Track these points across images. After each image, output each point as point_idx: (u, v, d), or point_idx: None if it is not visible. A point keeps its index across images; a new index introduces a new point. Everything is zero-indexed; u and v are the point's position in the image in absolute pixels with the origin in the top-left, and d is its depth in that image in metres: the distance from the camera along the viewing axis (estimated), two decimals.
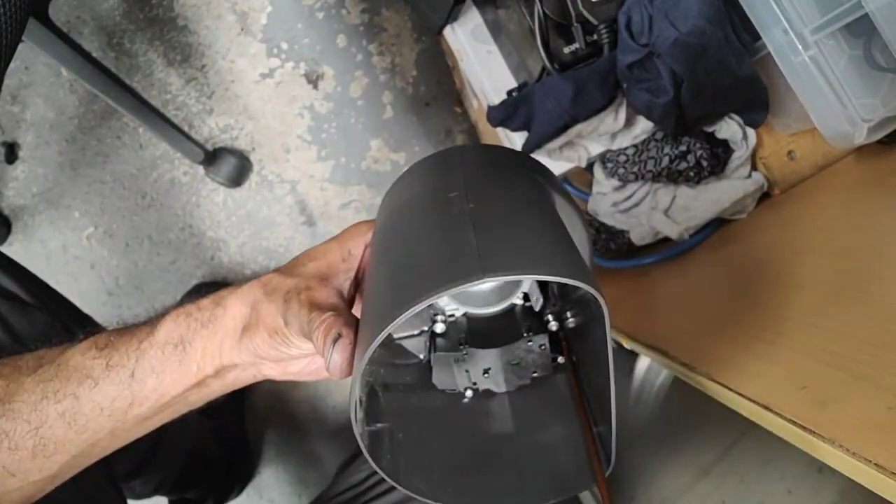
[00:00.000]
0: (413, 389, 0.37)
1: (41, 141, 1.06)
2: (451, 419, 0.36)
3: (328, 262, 0.36)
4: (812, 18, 0.44)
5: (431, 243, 0.29)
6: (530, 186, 0.34)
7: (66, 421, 0.34)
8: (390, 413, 0.34)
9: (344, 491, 0.70)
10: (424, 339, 0.38)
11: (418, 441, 0.34)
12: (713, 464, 0.55)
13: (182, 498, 0.92)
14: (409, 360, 0.38)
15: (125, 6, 1.04)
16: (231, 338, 0.34)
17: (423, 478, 0.32)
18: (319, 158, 1.06)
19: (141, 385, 0.35)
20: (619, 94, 0.59)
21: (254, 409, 1.06)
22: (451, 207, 0.30)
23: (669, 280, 0.58)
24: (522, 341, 0.37)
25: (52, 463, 0.35)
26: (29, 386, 0.34)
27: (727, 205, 0.57)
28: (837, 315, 0.37)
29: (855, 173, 0.54)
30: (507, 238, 0.28)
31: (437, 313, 0.38)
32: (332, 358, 0.29)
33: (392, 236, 0.33)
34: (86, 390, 0.34)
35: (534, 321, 0.38)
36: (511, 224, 0.29)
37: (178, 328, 0.35)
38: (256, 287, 0.35)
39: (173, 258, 1.07)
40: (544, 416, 0.36)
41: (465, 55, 0.73)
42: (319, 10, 1.04)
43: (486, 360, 0.37)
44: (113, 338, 0.36)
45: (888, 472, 0.25)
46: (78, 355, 0.35)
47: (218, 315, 0.35)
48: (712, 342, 0.43)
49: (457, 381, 0.37)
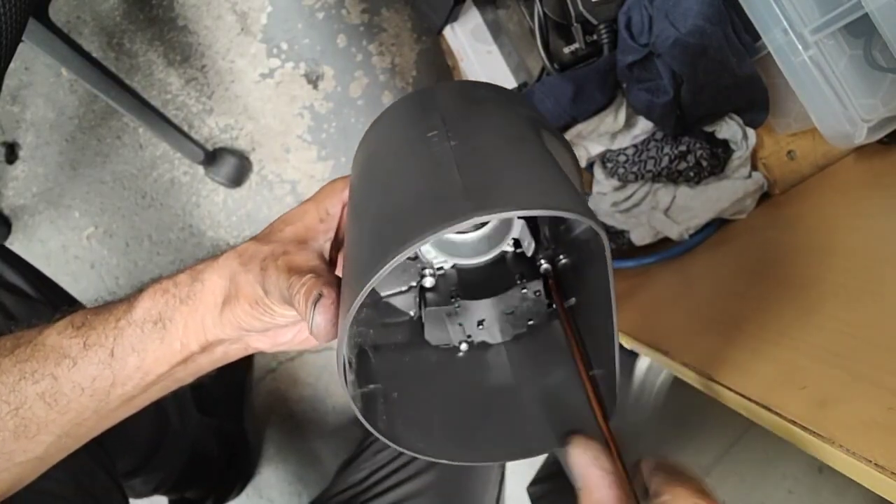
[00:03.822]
0: (405, 348, 0.35)
1: (41, 141, 1.06)
2: (446, 374, 0.35)
3: (305, 224, 0.35)
4: (812, 18, 0.44)
5: (412, 186, 0.27)
6: (515, 120, 0.31)
7: (47, 402, 0.33)
8: (383, 374, 0.32)
9: (344, 490, 0.70)
10: (413, 295, 0.36)
11: (414, 399, 0.32)
12: (713, 464, 0.55)
13: (182, 497, 0.92)
14: (400, 318, 0.36)
15: (125, 6, 1.04)
16: (212, 313, 0.33)
17: (422, 436, 0.31)
18: (319, 158, 1.06)
19: (122, 364, 0.34)
20: (619, 94, 0.59)
21: (254, 408, 1.06)
22: (431, 147, 0.28)
23: (669, 280, 0.58)
24: (516, 289, 0.35)
25: (37, 444, 0.34)
26: (6, 367, 0.34)
27: (727, 205, 0.57)
28: (837, 315, 0.37)
29: (855, 173, 0.54)
30: (494, 173, 0.26)
31: (424, 267, 0.36)
32: (315, 320, 0.28)
33: (369, 185, 0.30)
34: (64, 370, 0.33)
35: (526, 268, 0.36)
36: (497, 158, 0.27)
37: (156, 305, 0.34)
38: (232, 258, 0.34)
39: (173, 258, 1.07)
40: (543, 362, 0.35)
41: (465, 55, 0.73)
42: (319, 11, 1.04)
43: (480, 311, 0.35)
44: (90, 316, 0.35)
45: (888, 472, 0.25)
46: (54, 334, 0.34)
47: (196, 290, 0.34)
48: (712, 342, 0.43)
49: (450, 335, 0.35)
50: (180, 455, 0.84)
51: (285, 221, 0.36)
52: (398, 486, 0.67)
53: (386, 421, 0.30)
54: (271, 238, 0.35)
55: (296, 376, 1.08)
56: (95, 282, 1.07)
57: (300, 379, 1.08)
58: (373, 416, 0.29)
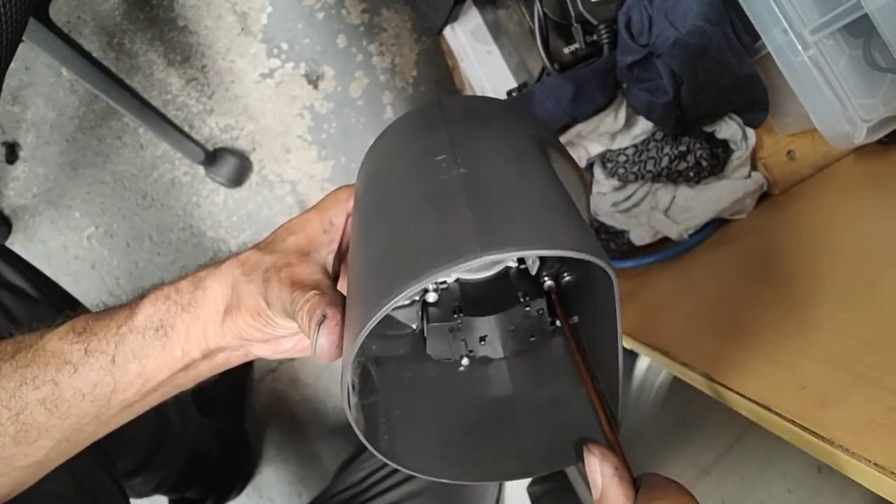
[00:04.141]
0: (406, 361, 0.35)
1: (41, 141, 1.06)
2: (447, 388, 0.35)
3: (308, 235, 0.35)
4: (812, 18, 0.44)
5: (421, 218, 0.26)
6: (523, 144, 0.31)
7: (47, 407, 0.33)
8: (384, 388, 0.32)
9: (343, 490, 0.70)
10: (416, 309, 0.36)
11: (415, 416, 0.32)
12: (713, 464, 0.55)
13: (182, 497, 0.92)
14: (402, 331, 0.36)
15: (125, 6, 1.04)
16: (213, 321, 0.33)
17: (423, 456, 0.31)
18: (320, 158, 1.06)
19: (123, 371, 0.34)
20: (618, 94, 0.59)
21: (254, 408, 1.07)
22: (439, 174, 0.27)
23: (669, 280, 0.58)
24: (519, 307, 0.34)
25: (37, 449, 0.34)
26: (7, 372, 0.34)
27: (727, 205, 0.57)
28: (837, 315, 0.37)
29: (855, 173, 0.54)
30: (504, 210, 0.25)
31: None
32: (319, 342, 0.28)
33: (376, 209, 0.30)
34: (65, 376, 0.33)
35: (529, 285, 0.36)
36: (507, 190, 0.27)
37: (157, 312, 0.34)
38: (234, 266, 0.34)
39: (174, 258, 1.07)
40: (545, 378, 0.35)
41: (465, 55, 0.73)
42: (319, 11, 1.04)
43: (482, 327, 0.35)
44: (91, 322, 0.35)
45: (888, 472, 0.25)
46: (55, 340, 0.34)
47: (198, 298, 0.34)
48: (712, 342, 0.43)
49: (452, 350, 0.35)
50: (181, 455, 0.84)
51: (288, 230, 0.35)
52: (398, 486, 0.67)
53: (388, 441, 0.30)
54: (274, 248, 0.34)
55: (296, 377, 1.08)
56: (96, 282, 1.07)
57: (300, 379, 1.08)
58: (374, 437, 0.29)
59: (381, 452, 0.29)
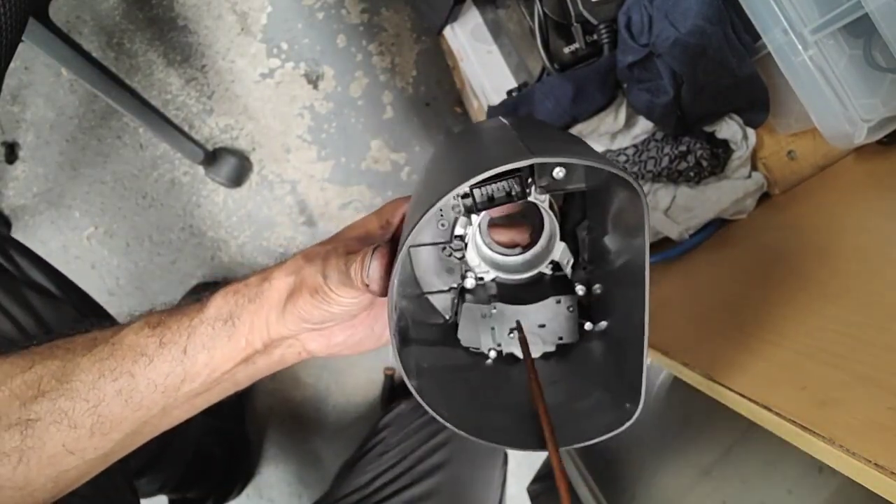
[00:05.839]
0: (437, 345, 0.37)
1: (41, 141, 1.06)
2: (471, 379, 0.37)
3: (367, 229, 0.38)
4: (812, 18, 0.44)
5: (481, 145, 0.33)
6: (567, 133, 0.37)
7: (123, 398, 0.35)
8: (419, 355, 0.35)
9: (349, 494, 0.70)
10: (453, 297, 0.38)
11: (441, 379, 0.35)
12: (714, 464, 0.55)
13: (183, 497, 0.92)
14: (435, 320, 0.39)
15: (125, 6, 1.04)
16: (276, 309, 0.35)
17: (445, 405, 0.33)
18: (319, 158, 1.06)
19: (192, 361, 0.35)
20: (619, 94, 0.59)
21: (254, 409, 1.07)
22: (496, 132, 0.33)
23: (670, 280, 0.58)
24: (551, 300, 0.37)
25: (108, 441, 0.36)
26: (85, 365, 0.35)
27: (727, 205, 0.57)
28: (838, 315, 0.37)
29: (855, 173, 0.54)
30: (550, 143, 0.31)
31: (468, 270, 0.38)
32: (372, 265, 0.31)
33: (438, 157, 0.36)
34: (141, 367, 0.35)
35: (563, 289, 0.38)
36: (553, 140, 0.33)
37: (227, 304, 0.36)
38: (299, 257, 0.37)
39: (174, 258, 1.07)
40: (567, 385, 0.36)
41: (465, 55, 0.73)
42: (319, 10, 1.04)
43: (513, 318, 0.37)
44: (164, 317, 0.37)
45: (888, 472, 0.25)
46: (132, 334, 0.36)
47: (265, 289, 0.36)
48: (712, 342, 0.43)
49: (481, 339, 0.38)
50: (184, 455, 0.84)
51: (349, 228, 0.39)
52: (404, 490, 0.67)
53: (416, 375, 0.32)
54: (334, 239, 0.38)
55: (297, 377, 1.08)
56: (96, 282, 1.07)
57: (301, 379, 1.08)
58: (407, 361, 0.32)
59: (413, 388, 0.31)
